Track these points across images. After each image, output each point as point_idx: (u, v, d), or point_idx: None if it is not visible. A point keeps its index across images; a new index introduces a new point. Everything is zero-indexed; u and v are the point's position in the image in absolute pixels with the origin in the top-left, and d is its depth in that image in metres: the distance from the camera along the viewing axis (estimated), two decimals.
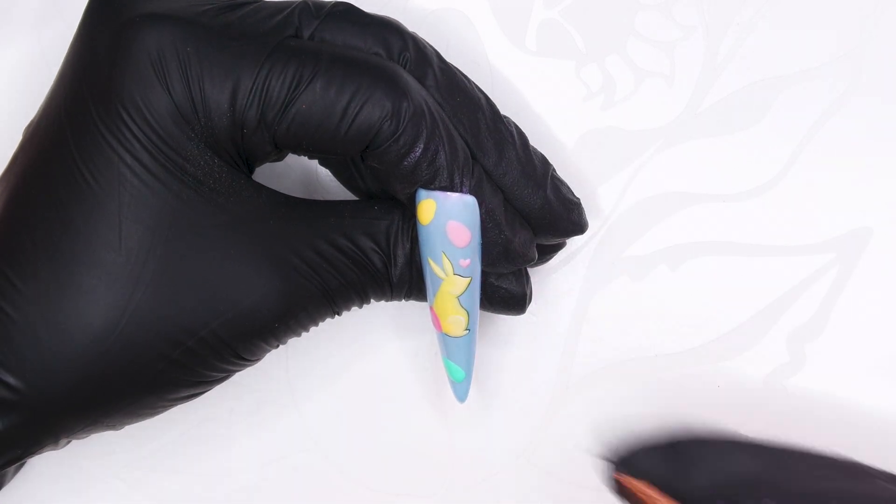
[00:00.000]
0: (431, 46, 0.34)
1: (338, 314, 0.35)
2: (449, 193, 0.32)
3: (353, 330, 0.39)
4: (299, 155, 0.34)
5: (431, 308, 0.34)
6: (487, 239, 0.33)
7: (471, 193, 0.32)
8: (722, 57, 0.38)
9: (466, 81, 0.34)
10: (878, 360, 0.38)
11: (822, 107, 0.38)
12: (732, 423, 0.39)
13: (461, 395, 0.37)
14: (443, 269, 0.33)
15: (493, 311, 0.36)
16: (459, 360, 0.36)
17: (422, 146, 0.32)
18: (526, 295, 0.35)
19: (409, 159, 0.32)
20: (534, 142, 0.36)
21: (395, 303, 0.39)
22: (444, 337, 0.35)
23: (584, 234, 0.37)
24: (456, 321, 0.34)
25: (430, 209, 0.32)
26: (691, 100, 0.39)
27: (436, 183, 0.32)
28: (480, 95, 0.34)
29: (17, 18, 0.39)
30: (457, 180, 0.32)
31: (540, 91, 0.39)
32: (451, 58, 0.35)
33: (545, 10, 0.39)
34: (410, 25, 0.34)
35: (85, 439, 0.38)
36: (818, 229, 0.38)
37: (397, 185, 0.33)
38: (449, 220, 0.32)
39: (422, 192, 0.32)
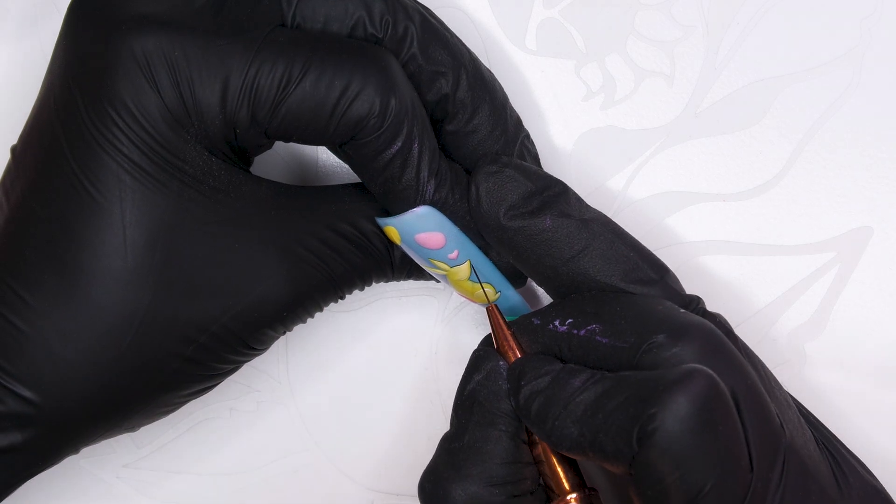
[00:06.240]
0: (415, 3, 0.34)
1: (341, 298, 0.35)
2: (402, 215, 0.33)
3: (353, 331, 0.39)
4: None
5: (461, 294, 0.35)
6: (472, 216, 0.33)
7: (434, 193, 0.33)
8: (722, 57, 0.38)
9: (450, 37, 0.34)
10: (878, 359, 0.38)
11: (822, 107, 0.38)
12: None
13: (515, 305, 0.36)
14: (440, 268, 0.34)
15: None
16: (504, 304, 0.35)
17: (399, 143, 0.32)
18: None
19: (385, 155, 0.32)
20: (534, 141, 0.36)
21: (395, 304, 0.39)
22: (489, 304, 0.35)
23: None
24: (482, 294, 0.35)
25: (394, 233, 0.33)
26: (691, 99, 0.39)
27: (403, 180, 0.32)
28: (464, 51, 0.34)
29: (15, 16, 0.39)
30: (423, 177, 0.32)
31: (540, 90, 0.39)
32: None
33: (545, 9, 0.39)
34: None
35: None
36: (818, 229, 0.38)
37: (366, 178, 0.33)
38: (415, 234, 0.33)
39: (380, 221, 0.33)
